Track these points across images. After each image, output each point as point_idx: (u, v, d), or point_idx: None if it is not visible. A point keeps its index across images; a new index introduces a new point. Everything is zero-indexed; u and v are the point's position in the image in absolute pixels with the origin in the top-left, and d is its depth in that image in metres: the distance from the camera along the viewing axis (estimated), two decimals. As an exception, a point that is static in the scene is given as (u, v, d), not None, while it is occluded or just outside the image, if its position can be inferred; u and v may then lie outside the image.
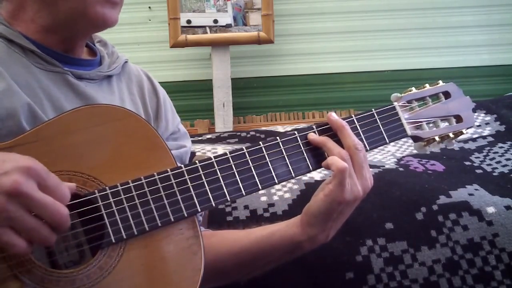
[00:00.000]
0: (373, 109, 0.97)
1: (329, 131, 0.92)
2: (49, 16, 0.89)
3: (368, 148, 0.95)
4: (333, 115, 0.92)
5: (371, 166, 1.61)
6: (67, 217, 0.70)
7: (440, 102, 1.02)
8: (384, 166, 1.65)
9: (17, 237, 0.67)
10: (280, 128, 2.26)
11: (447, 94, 1.02)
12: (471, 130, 1.97)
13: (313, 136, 0.91)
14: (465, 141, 1.91)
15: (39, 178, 0.68)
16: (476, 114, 2.11)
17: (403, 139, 1.97)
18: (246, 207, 1.40)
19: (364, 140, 0.95)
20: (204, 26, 2.60)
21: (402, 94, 1.00)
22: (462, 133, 1.02)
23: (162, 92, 1.10)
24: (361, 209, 1.37)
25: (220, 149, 1.84)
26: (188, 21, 2.58)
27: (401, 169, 1.64)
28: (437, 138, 1.00)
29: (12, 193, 0.65)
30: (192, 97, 2.87)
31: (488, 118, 2.07)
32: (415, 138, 1.00)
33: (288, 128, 2.25)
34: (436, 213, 1.37)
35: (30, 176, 0.67)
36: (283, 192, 1.46)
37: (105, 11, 0.89)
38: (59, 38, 0.92)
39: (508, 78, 2.94)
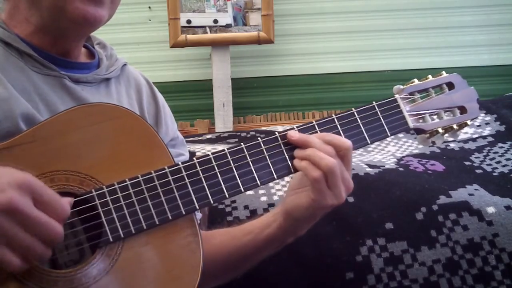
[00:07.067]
0: (373, 102, 0.96)
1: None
2: (37, 14, 0.88)
3: (369, 141, 0.94)
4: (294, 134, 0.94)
5: (371, 166, 1.61)
6: (61, 234, 0.70)
7: (444, 93, 1.00)
8: (384, 166, 1.65)
9: (13, 254, 0.67)
10: (280, 128, 2.25)
11: (450, 85, 1.00)
12: (471, 130, 1.96)
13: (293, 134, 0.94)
14: (465, 141, 1.91)
15: (34, 194, 0.68)
16: (476, 114, 2.11)
17: (404, 139, 1.99)
18: (246, 207, 1.40)
19: (365, 133, 0.94)
20: (204, 26, 2.60)
21: (404, 86, 0.98)
22: (466, 124, 0.99)
23: (161, 98, 1.10)
24: (361, 209, 1.38)
25: (220, 149, 1.83)
26: (188, 21, 2.58)
27: (401, 169, 1.63)
28: (440, 130, 0.98)
29: (7, 210, 0.65)
30: (192, 97, 2.86)
31: (488, 118, 2.06)
32: (418, 131, 0.98)
33: (288, 128, 2.24)
34: (436, 213, 1.37)
35: (25, 193, 0.67)
36: (283, 192, 1.45)
37: (86, 8, 0.86)
38: (52, 39, 0.91)
39: (508, 78, 2.93)
